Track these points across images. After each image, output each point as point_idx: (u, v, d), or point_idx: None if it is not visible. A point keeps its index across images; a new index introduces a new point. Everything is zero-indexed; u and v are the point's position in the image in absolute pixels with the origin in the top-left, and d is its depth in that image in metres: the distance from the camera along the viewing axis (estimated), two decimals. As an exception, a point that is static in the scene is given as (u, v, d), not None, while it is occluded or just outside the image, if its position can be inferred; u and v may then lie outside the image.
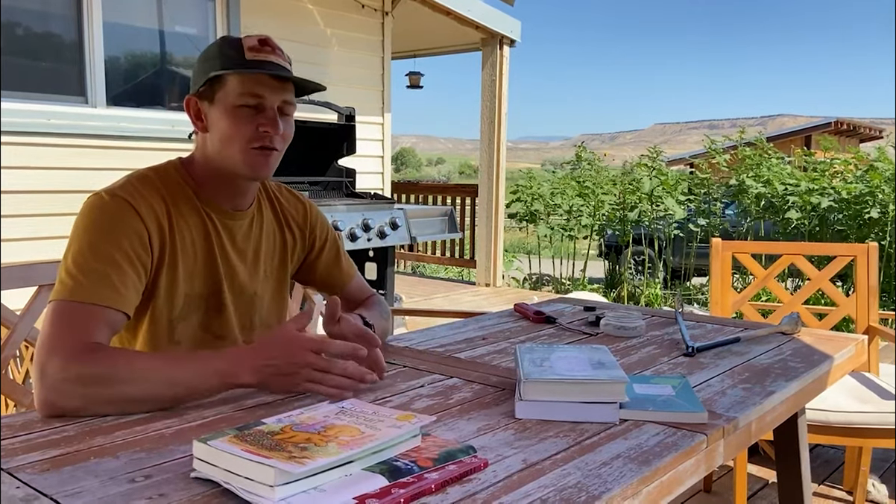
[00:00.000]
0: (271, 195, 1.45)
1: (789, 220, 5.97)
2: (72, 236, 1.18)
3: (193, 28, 4.39)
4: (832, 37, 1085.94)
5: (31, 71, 3.65)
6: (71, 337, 1.07)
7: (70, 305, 1.11)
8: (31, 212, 3.53)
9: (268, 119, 1.24)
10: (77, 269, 1.13)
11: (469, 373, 1.27)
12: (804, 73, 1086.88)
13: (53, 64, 3.80)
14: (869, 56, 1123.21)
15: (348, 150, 4.07)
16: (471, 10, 5.64)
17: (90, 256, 1.14)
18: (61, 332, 1.08)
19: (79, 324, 1.09)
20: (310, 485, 0.75)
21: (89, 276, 1.13)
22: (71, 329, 1.08)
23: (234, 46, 1.25)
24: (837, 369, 1.47)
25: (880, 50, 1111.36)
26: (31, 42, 3.69)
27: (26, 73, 3.61)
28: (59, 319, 1.09)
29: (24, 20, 3.65)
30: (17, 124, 3.47)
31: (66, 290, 1.12)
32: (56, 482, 0.79)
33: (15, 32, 3.60)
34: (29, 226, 3.51)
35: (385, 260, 4.14)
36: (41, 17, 3.75)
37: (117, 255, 1.16)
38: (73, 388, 1.01)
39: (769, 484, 2.55)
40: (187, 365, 1.07)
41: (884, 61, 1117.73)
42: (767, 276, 2.50)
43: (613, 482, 0.82)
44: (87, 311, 1.11)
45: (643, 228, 7.18)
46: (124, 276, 1.16)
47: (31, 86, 3.62)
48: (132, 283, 1.17)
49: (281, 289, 1.45)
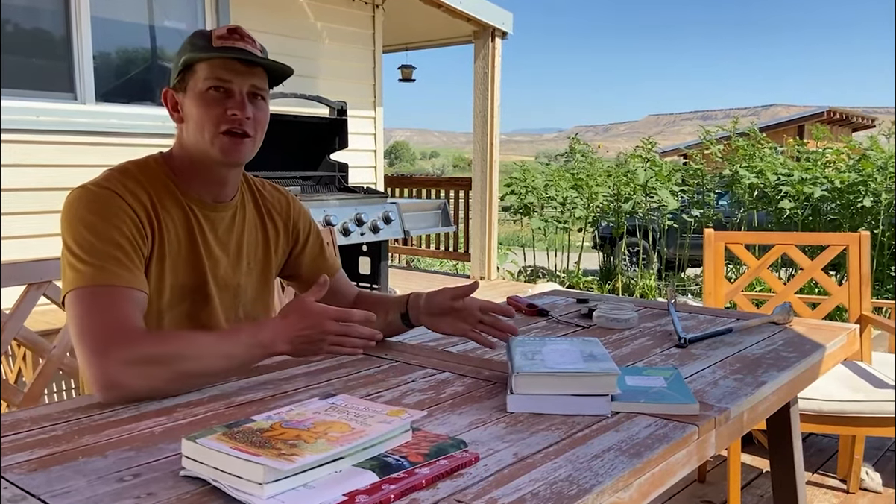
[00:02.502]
0: (254, 188, 1.45)
1: (782, 210, 5.98)
2: (64, 228, 1.18)
3: (183, 23, 4.36)
4: (825, 26, 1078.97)
5: (19, 67, 3.62)
6: (116, 320, 1.09)
7: (93, 290, 1.12)
8: (20, 209, 3.51)
9: (235, 103, 1.24)
10: (85, 253, 1.14)
11: (461, 367, 1.26)
12: (798, 63, 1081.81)
13: (41, 60, 3.77)
14: (862, 45, 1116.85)
15: (340, 144, 4.06)
16: (462, 2, 5.62)
17: (94, 240, 1.15)
18: (102, 316, 1.09)
19: (114, 306, 1.11)
20: (299, 482, 0.74)
21: (100, 258, 1.14)
22: (110, 312, 1.10)
23: (203, 36, 1.27)
24: (830, 358, 1.47)
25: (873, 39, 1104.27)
26: (18, 38, 3.65)
27: (14, 69, 3.58)
28: (92, 306, 1.11)
29: (11, 16, 3.61)
30: (6, 121, 3.45)
31: (81, 276, 1.13)
32: (44, 482, 0.79)
33: (3, 29, 3.57)
34: (18, 224, 3.49)
35: (379, 254, 4.13)
36: (28, 12, 3.72)
37: (118, 237, 1.17)
38: (139, 370, 1.05)
39: (763, 473, 2.56)
40: (238, 338, 1.13)
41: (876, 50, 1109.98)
42: (760, 266, 2.50)
43: (605, 475, 0.82)
44: (113, 293, 1.13)
45: (637, 220, 7.18)
46: (130, 257, 1.17)
47: (20, 83, 3.59)
48: (139, 264, 1.19)
49: (265, 281, 1.45)
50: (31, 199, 3.54)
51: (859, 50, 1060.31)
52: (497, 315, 1.35)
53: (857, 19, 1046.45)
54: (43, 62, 3.78)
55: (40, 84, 3.73)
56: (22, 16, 3.69)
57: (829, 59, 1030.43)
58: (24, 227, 3.49)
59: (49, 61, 3.79)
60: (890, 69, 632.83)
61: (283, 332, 1.13)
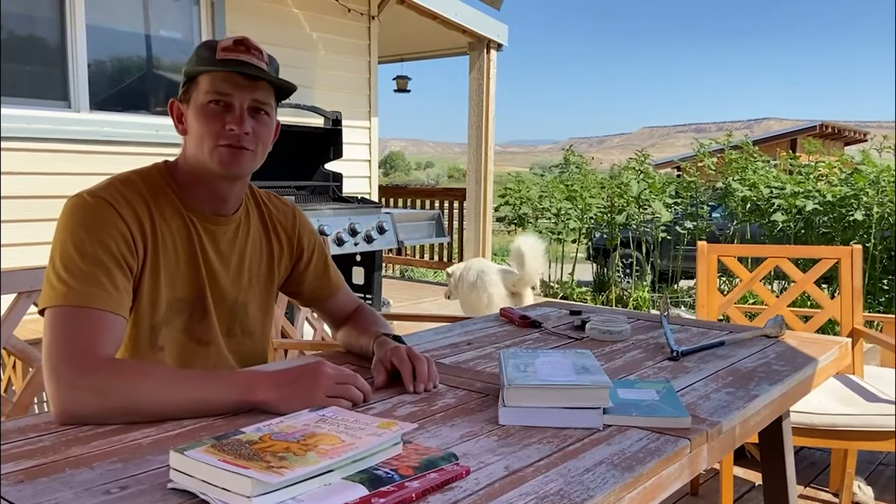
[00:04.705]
0: (260, 202, 1.44)
1: (775, 223, 6.00)
2: (55, 238, 1.17)
3: (178, 32, 4.36)
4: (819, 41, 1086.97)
5: (13, 74, 3.61)
6: (78, 345, 1.07)
7: (67, 311, 1.10)
8: (13, 217, 3.49)
9: (234, 117, 1.23)
10: (66, 272, 1.12)
11: (453, 378, 1.26)
12: (791, 77, 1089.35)
13: (36, 68, 3.76)
14: (855, 60, 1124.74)
15: (335, 154, 4.05)
16: (457, 15, 5.64)
17: (78, 259, 1.13)
18: (67, 339, 1.07)
19: (82, 330, 1.09)
20: (288, 495, 0.74)
21: (79, 280, 1.12)
22: (76, 336, 1.08)
23: (209, 47, 1.25)
24: (822, 372, 1.47)
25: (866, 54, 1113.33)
26: (12, 46, 3.65)
27: (8, 76, 3.57)
28: (62, 326, 1.09)
29: (6, 23, 3.61)
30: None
31: (58, 295, 1.11)
32: (30, 493, 0.78)
33: None
34: (10, 231, 3.47)
35: (372, 264, 4.12)
36: (23, 20, 3.71)
37: (104, 256, 1.15)
38: (89, 399, 1.01)
39: (756, 486, 2.55)
40: (208, 379, 1.08)
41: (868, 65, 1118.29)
42: (752, 279, 2.51)
43: (596, 489, 0.81)
44: (85, 316, 1.10)
45: (631, 231, 7.20)
46: (113, 277, 1.15)
47: (14, 90, 3.58)
48: (122, 285, 1.17)
49: (266, 297, 1.43)
50: (23, 207, 3.52)
51: (852, 65, 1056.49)
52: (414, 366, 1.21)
53: (851, 34, 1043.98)
54: (37, 69, 3.77)
55: (34, 91, 3.72)
56: (16, 23, 3.68)
57: (821, 74, 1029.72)
58: (16, 236, 3.48)
59: (43, 69, 3.79)
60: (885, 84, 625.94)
61: (268, 379, 1.07)
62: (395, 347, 1.26)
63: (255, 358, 1.42)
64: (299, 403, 1.00)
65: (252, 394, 1.05)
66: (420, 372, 1.20)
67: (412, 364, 1.21)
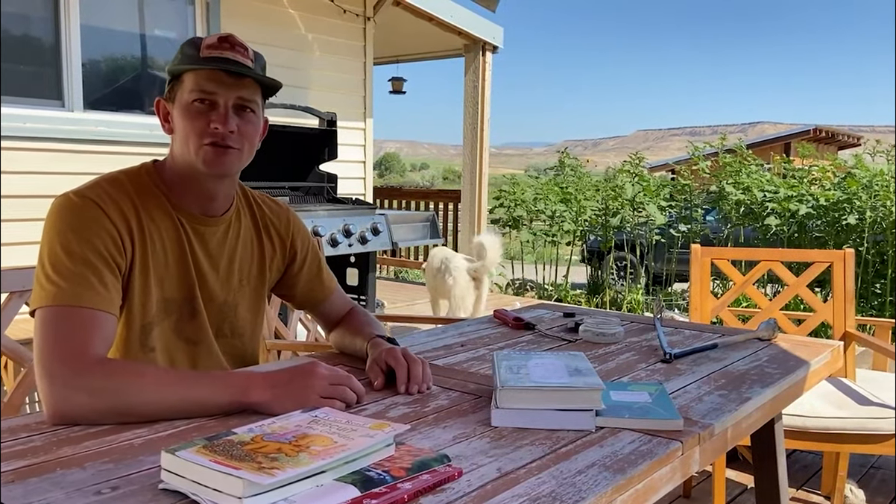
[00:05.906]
0: (252, 202, 1.43)
1: (768, 227, 6.02)
2: (43, 239, 1.16)
3: (173, 32, 4.35)
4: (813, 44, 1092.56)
5: (7, 74, 3.60)
6: (70, 345, 1.06)
7: (57, 311, 1.10)
8: (6, 216, 3.47)
9: (218, 116, 1.22)
10: (55, 272, 1.12)
11: (446, 380, 1.26)
12: (785, 82, 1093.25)
13: (29, 67, 3.75)
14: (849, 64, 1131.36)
15: (329, 155, 4.05)
16: (453, 16, 5.65)
17: (66, 259, 1.13)
18: (59, 339, 1.07)
19: (73, 330, 1.08)
20: (279, 496, 0.74)
21: (69, 280, 1.11)
22: (68, 336, 1.07)
23: (194, 45, 1.25)
24: (814, 375, 1.48)
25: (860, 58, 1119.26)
26: (6, 44, 3.63)
27: (1, 75, 3.55)
28: (53, 326, 1.08)
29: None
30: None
31: (48, 295, 1.11)
32: (21, 494, 0.78)
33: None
34: (4, 230, 3.46)
35: (366, 266, 4.12)
36: (17, 19, 3.69)
37: (92, 255, 1.14)
38: (82, 399, 1.01)
39: (748, 489, 2.56)
40: (201, 380, 1.07)
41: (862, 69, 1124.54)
42: (745, 282, 2.51)
43: (588, 491, 0.81)
44: (76, 315, 1.10)
45: (625, 234, 7.21)
46: (102, 276, 1.15)
47: (7, 89, 3.57)
48: (111, 283, 1.16)
49: (257, 298, 1.43)
50: (16, 206, 3.51)
51: (846, 69, 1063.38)
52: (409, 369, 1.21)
53: (846, 40, 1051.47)
54: (31, 69, 3.75)
55: (28, 91, 3.70)
56: (10, 22, 3.67)
57: (816, 79, 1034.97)
58: (10, 235, 3.46)
59: (37, 68, 3.77)
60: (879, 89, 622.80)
61: (262, 379, 1.07)
62: (391, 348, 1.26)
63: (246, 359, 1.41)
64: (293, 404, 1.00)
65: (246, 395, 1.05)
66: (414, 373, 1.20)
67: (407, 365, 1.21)
